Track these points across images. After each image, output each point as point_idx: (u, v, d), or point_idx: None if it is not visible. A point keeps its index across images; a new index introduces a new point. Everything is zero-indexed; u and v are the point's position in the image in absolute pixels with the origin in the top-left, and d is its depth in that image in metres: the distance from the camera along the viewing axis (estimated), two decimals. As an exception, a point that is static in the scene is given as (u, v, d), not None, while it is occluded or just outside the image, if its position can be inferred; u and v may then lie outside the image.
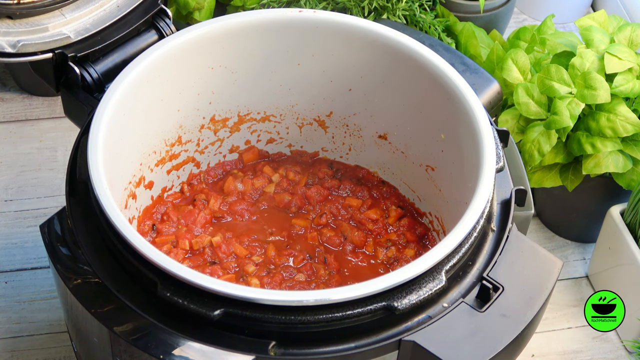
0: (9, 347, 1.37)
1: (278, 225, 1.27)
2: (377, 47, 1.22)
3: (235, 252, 1.22)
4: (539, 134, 1.39)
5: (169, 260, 0.97)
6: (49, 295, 1.43)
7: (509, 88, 1.47)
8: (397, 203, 1.31)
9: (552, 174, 1.45)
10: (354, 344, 0.99)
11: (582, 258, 1.54)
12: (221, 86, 1.27)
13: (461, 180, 1.17)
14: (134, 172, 1.20)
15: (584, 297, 1.48)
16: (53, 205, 1.54)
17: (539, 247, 1.09)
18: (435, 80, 1.19)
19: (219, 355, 0.96)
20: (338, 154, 1.36)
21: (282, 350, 0.97)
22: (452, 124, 1.19)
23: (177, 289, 0.98)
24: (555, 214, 1.56)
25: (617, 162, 1.38)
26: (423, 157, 1.27)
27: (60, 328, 1.39)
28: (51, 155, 1.61)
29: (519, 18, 1.91)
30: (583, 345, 1.43)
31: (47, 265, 1.46)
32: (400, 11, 1.58)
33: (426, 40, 1.28)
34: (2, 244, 1.49)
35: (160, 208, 1.27)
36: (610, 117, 1.37)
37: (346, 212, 1.28)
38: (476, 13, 1.69)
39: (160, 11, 1.28)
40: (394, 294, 0.99)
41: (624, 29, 1.43)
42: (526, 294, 1.04)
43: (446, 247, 1.02)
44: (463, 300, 1.02)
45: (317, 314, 0.97)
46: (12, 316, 1.41)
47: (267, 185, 1.31)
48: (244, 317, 0.97)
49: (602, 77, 1.37)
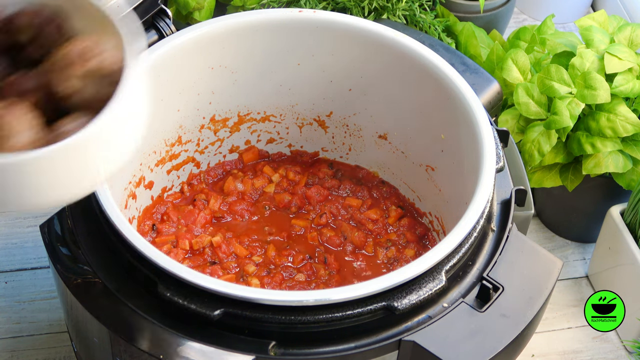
0: (9, 347, 1.37)
1: (278, 225, 1.27)
2: (377, 47, 1.22)
3: (235, 252, 1.22)
4: (539, 134, 1.39)
5: (169, 260, 0.97)
6: (49, 295, 1.43)
7: (509, 88, 1.47)
8: (397, 203, 1.31)
9: (552, 174, 1.45)
10: (354, 344, 0.99)
11: (582, 258, 1.54)
12: (221, 86, 1.27)
13: (461, 180, 1.17)
14: (134, 172, 1.20)
15: (584, 297, 1.48)
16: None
17: (539, 247, 1.09)
18: (435, 80, 1.19)
19: (219, 355, 0.96)
20: (338, 154, 1.36)
21: (282, 350, 0.98)
22: (452, 124, 1.19)
23: (177, 289, 0.98)
24: (555, 214, 1.56)
25: (617, 162, 1.38)
26: (423, 157, 1.27)
27: (60, 328, 1.39)
28: (51, 155, 1.61)
29: (519, 18, 1.91)
30: (583, 345, 1.43)
31: (47, 265, 1.46)
32: (400, 11, 1.58)
33: (426, 40, 1.28)
34: (2, 244, 1.49)
35: (160, 208, 1.27)
36: (610, 117, 1.37)
37: (346, 212, 1.29)
38: (476, 13, 1.69)
39: (160, 11, 1.27)
40: (394, 294, 0.99)
41: (624, 29, 1.43)
42: (526, 294, 1.04)
43: (446, 247, 1.02)
44: (463, 300, 1.02)
45: (317, 314, 0.97)
46: (12, 316, 1.41)
47: (267, 185, 1.31)
48: (244, 317, 0.97)
49: (602, 77, 1.37)
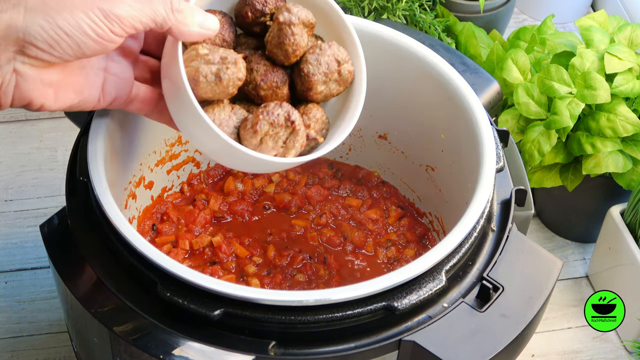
0: (9, 347, 1.37)
1: (278, 226, 1.27)
2: (377, 47, 1.22)
3: (235, 252, 1.22)
4: (539, 134, 1.39)
5: (169, 260, 0.97)
6: (49, 295, 1.43)
7: (509, 88, 1.47)
8: (397, 203, 1.31)
9: (552, 174, 1.45)
10: (354, 344, 0.99)
11: (582, 258, 1.54)
12: (221, 86, 1.27)
13: (461, 180, 1.17)
14: (134, 172, 1.20)
15: (584, 297, 1.48)
16: (53, 205, 1.54)
17: (539, 247, 1.09)
18: (436, 80, 1.19)
19: (219, 355, 0.96)
20: (338, 154, 1.36)
21: (282, 350, 0.97)
22: (452, 124, 1.19)
23: (177, 289, 0.98)
24: (555, 214, 1.56)
25: (617, 162, 1.38)
26: (423, 157, 1.27)
27: (60, 328, 1.39)
28: (51, 155, 1.61)
29: (519, 18, 1.91)
30: (583, 345, 1.43)
31: (47, 265, 1.46)
32: (400, 11, 1.58)
33: (426, 40, 1.28)
34: (2, 244, 1.49)
35: (160, 208, 1.27)
36: (610, 117, 1.37)
37: (346, 212, 1.29)
38: (476, 13, 1.69)
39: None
40: (394, 294, 0.99)
41: (624, 29, 1.44)
42: (526, 294, 1.04)
43: (446, 247, 1.02)
44: (463, 300, 1.02)
45: (317, 314, 0.97)
46: (12, 316, 1.41)
47: (267, 185, 1.31)
48: (244, 317, 0.97)
49: (602, 77, 1.37)
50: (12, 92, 0.90)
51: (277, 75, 1.04)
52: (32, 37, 0.87)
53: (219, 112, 1.00)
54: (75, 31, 0.88)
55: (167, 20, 0.94)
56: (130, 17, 0.90)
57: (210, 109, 1.00)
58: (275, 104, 1.00)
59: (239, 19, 1.06)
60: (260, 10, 1.04)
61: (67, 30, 0.87)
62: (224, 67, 0.98)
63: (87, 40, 0.89)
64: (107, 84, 0.98)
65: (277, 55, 1.03)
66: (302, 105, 1.05)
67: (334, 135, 1.07)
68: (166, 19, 0.93)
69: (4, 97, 0.90)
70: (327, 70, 1.04)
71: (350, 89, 1.08)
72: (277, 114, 0.99)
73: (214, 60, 0.98)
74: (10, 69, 0.88)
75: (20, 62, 0.89)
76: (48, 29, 0.87)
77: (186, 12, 0.95)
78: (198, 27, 0.96)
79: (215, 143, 0.99)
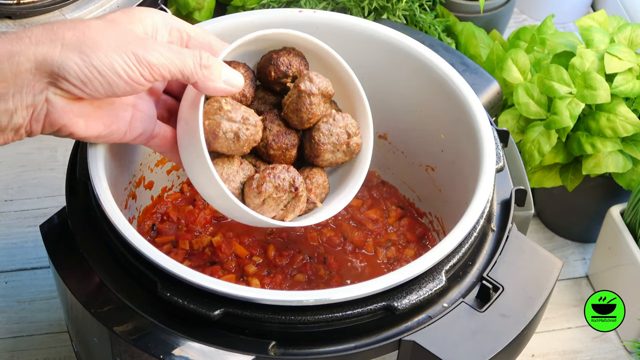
0: (9, 347, 1.37)
1: (278, 225, 1.27)
2: (377, 47, 1.22)
3: (235, 252, 1.22)
4: (539, 134, 1.39)
5: (169, 260, 0.97)
6: (49, 295, 1.43)
7: (509, 88, 1.47)
8: (397, 203, 1.31)
9: (552, 174, 1.45)
10: (354, 344, 0.99)
11: (582, 258, 1.54)
12: (221, 86, 1.27)
13: (461, 180, 1.17)
14: (134, 172, 1.20)
15: (584, 297, 1.48)
16: (53, 205, 1.54)
17: (539, 247, 1.09)
18: (435, 80, 1.19)
19: (219, 355, 0.96)
20: (338, 154, 1.36)
21: (282, 350, 0.98)
22: (452, 124, 1.19)
23: (177, 289, 0.98)
24: (555, 214, 1.56)
25: (617, 162, 1.38)
26: (423, 157, 1.27)
27: (60, 328, 1.39)
28: (51, 155, 1.61)
29: (519, 18, 1.91)
30: (583, 345, 1.43)
31: (47, 265, 1.46)
32: (400, 11, 1.58)
33: (426, 40, 1.28)
34: (2, 244, 1.49)
35: (161, 208, 1.27)
36: (610, 117, 1.37)
37: (346, 212, 1.28)
38: (476, 13, 1.69)
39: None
40: (394, 294, 0.99)
41: (624, 29, 1.44)
42: (526, 294, 1.04)
43: (446, 247, 1.02)
44: (463, 300, 1.02)
45: (317, 314, 0.97)
46: (12, 316, 1.41)
47: (267, 185, 1.31)
48: (244, 317, 0.97)
49: (602, 77, 1.37)
50: (43, 119, 0.94)
51: (288, 138, 1.07)
52: (66, 72, 0.90)
53: (228, 167, 1.03)
54: (108, 71, 0.91)
55: (194, 74, 0.97)
56: (160, 65, 0.94)
57: (220, 162, 1.02)
58: (283, 168, 1.03)
59: (261, 75, 1.09)
60: (284, 72, 1.07)
61: (101, 70, 0.91)
62: (244, 127, 1.00)
63: (119, 81, 0.92)
64: (135, 120, 1.02)
65: (292, 120, 1.07)
66: (307, 169, 1.09)
67: (333, 202, 1.10)
68: (194, 73, 0.96)
69: (35, 124, 0.94)
70: (336, 141, 1.07)
71: (355, 157, 1.11)
72: (283, 178, 1.02)
73: (235, 118, 1.00)
74: (42, 98, 0.92)
75: (52, 93, 0.92)
76: (82, 66, 0.90)
77: (213, 68, 0.98)
78: (223, 83, 0.99)
79: (218, 196, 1.01)
